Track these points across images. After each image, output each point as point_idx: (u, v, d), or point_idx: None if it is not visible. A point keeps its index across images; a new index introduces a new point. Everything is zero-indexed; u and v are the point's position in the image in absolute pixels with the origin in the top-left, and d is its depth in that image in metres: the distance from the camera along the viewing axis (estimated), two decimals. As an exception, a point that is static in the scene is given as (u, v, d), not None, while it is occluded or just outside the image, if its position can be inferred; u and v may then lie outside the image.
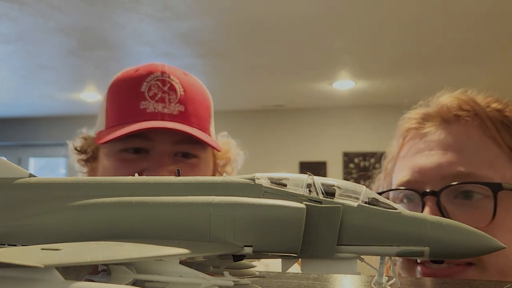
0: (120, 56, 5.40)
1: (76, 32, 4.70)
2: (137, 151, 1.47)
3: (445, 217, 1.18)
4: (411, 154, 1.33)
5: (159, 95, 1.48)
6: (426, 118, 1.37)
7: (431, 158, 1.27)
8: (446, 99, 1.37)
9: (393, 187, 1.35)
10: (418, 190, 1.26)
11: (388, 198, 1.37)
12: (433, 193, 1.21)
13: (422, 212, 1.20)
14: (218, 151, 1.58)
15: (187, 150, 1.49)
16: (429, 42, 4.87)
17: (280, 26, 4.50)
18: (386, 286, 0.72)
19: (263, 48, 5.13)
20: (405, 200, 1.32)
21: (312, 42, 4.91)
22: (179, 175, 0.80)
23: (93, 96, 7.08)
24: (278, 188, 0.73)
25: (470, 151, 1.25)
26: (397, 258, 1.30)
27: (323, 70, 5.88)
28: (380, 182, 1.47)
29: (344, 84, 6.43)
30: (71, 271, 0.61)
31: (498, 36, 4.64)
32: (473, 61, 5.38)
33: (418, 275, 1.21)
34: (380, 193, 1.35)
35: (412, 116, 1.41)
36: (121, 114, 1.49)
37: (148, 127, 1.41)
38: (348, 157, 7.72)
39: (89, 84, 6.65)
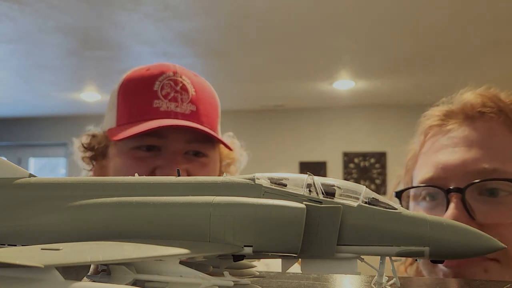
0: (120, 56, 5.40)
1: (76, 32, 4.70)
2: (150, 149, 1.48)
3: (470, 214, 1.18)
4: (434, 150, 1.32)
5: (171, 95, 1.49)
6: (449, 115, 1.35)
7: (455, 154, 1.25)
8: (469, 96, 1.35)
9: (415, 184, 1.34)
10: (442, 187, 1.24)
11: (409, 196, 1.35)
12: (458, 190, 1.20)
13: (447, 209, 1.20)
14: (231, 150, 1.60)
15: (199, 149, 1.50)
16: (430, 42, 4.86)
17: (280, 26, 4.50)
18: (386, 286, 0.72)
19: (263, 48, 5.13)
20: (427, 198, 1.31)
21: (312, 42, 4.91)
22: (179, 175, 0.80)
23: (93, 96, 7.07)
24: (278, 188, 0.73)
25: (495, 148, 1.24)
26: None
27: (323, 70, 5.87)
28: (400, 179, 1.46)
29: (344, 84, 6.43)
30: (71, 271, 0.61)
31: (498, 36, 4.64)
32: (473, 61, 5.37)
33: (441, 269, 1.21)
34: (402, 191, 1.34)
35: (434, 113, 1.39)
36: (134, 112, 1.50)
37: (167, 125, 1.42)
38: (348, 157, 7.71)
39: (89, 84, 6.64)
